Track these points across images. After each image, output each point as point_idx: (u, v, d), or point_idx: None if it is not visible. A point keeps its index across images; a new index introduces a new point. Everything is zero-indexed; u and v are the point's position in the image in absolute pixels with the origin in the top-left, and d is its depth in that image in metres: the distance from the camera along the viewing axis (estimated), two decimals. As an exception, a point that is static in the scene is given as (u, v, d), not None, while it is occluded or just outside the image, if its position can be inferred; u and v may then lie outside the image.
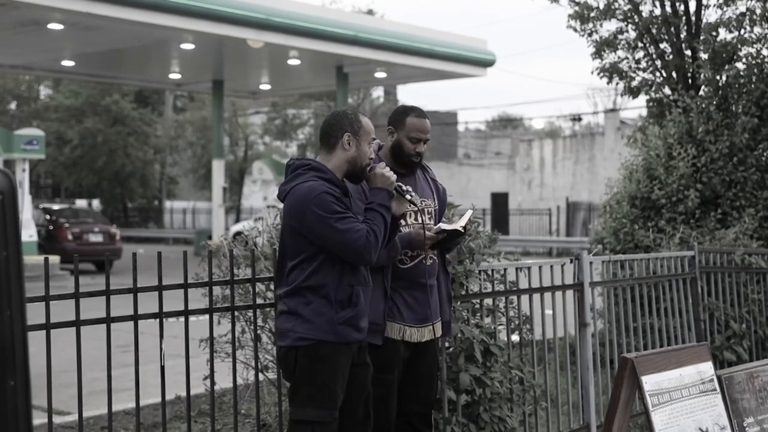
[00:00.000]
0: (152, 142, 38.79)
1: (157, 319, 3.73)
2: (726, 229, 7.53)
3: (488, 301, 4.82)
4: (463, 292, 4.57)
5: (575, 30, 9.34)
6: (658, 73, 9.18)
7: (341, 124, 3.63)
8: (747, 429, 3.90)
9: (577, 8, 9.29)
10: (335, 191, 3.51)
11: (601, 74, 9.37)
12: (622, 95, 9.73)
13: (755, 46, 8.27)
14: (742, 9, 8.55)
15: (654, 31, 9.08)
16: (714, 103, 8.22)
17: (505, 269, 4.91)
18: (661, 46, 9.16)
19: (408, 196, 3.69)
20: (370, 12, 35.12)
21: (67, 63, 22.69)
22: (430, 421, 4.11)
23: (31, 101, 39.61)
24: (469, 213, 4.06)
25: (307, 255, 3.51)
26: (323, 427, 3.51)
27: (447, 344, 4.48)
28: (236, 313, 4.27)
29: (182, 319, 3.85)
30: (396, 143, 3.93)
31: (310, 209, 3.44)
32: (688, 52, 9.01)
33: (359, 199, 3.69)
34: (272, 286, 4.22)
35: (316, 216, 3.44)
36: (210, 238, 23.44)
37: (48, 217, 21.67)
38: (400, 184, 3.71)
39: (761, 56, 8.21)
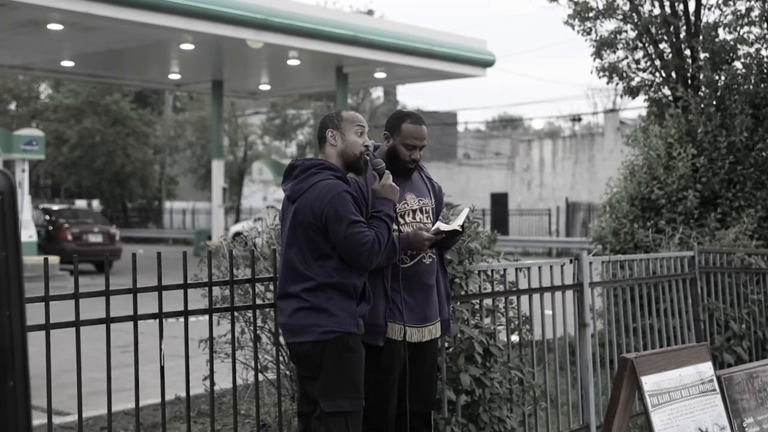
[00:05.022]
0: (152, 143, 38.76)
1: (157, 320, 3.73)
2: (726, 229, 7.53)
3: (488, 302, 4.82)
4: (463, 293, 4.57)
5: (572, 27, 9.32)
6: (657, 74, 9.17)
7: (324, 124, 3.80)
8: (747, 429, 3.90)
9: (576, 8, 9.27)
10: (353, 192, 3.64)
11: (601, 74, 9.35)
12: (621, 95, 9.72)
13: (754, 45, 8.26)
14: (742, 9, 8.54)
15: (653, 31, 9.07)
16: (713, 103, 8.21)
17: (504, 269, 4.91)
18: (661, 46, 9.14)
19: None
20: (369, 12, 35.12)
21: (67, 63, 22.67)
22: (429, 421, 4.11)
23: (31, 101, 39.56)
24: (466, 211, 4.05)
25: (326, 252, 3.59)
26: (355, 416, 3.62)
27: (447, 344, 4.48)
28: (236, 314, 4.27)
29: (182, 319, 3.86)
30: (391, 149, 3.93)
31: (330, 205, 3.55)
32: (688, 52, 8.99)
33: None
34: (272, 287, 4.22)
35: (334, 212, 3.54)
36: (209, 238, 23.42)
37: (48, 217, 21.65)
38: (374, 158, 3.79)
39: (760, 56, 8.20)
